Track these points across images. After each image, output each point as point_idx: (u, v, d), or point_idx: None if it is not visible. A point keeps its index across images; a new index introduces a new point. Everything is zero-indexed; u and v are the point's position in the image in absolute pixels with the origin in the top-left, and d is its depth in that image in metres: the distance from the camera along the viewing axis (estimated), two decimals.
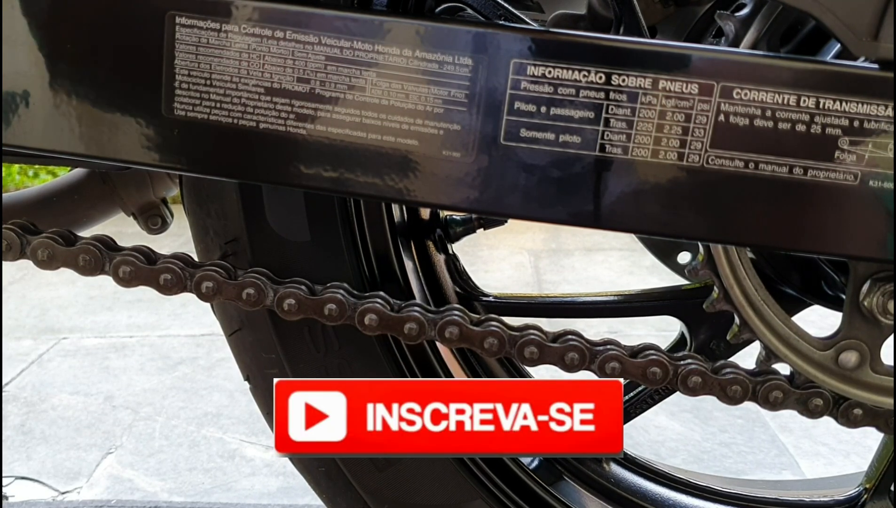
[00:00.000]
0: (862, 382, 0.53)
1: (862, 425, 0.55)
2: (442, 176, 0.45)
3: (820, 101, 0.42)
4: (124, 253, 0.53)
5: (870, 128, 0.42)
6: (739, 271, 0.53)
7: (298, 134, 0.45)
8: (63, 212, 0.81)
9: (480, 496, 0.64)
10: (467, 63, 0.43)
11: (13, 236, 0.53)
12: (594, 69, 0.43)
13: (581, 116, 0.43)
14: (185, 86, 0.45)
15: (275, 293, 0.52)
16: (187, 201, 0.61)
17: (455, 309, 0.53)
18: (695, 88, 0.43)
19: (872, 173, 0.43)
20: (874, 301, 0.51)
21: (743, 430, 1.47)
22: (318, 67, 0.44)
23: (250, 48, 0.44)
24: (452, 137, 0.44)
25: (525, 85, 0.43)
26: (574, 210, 0.45)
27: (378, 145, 0.45)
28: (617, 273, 2.44)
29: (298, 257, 0.58)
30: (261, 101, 0.45)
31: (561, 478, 0.69)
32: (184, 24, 0.44)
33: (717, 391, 0.54)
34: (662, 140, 0.43)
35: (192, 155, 0.46)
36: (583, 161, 0.44)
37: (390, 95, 0.44)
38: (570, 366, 0.53)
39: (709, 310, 0.55)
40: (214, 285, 0.52)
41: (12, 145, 0.47)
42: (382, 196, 0.46)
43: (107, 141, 0.46)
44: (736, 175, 0.43)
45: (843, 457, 1.38)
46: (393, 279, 0.62)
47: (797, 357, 0.53)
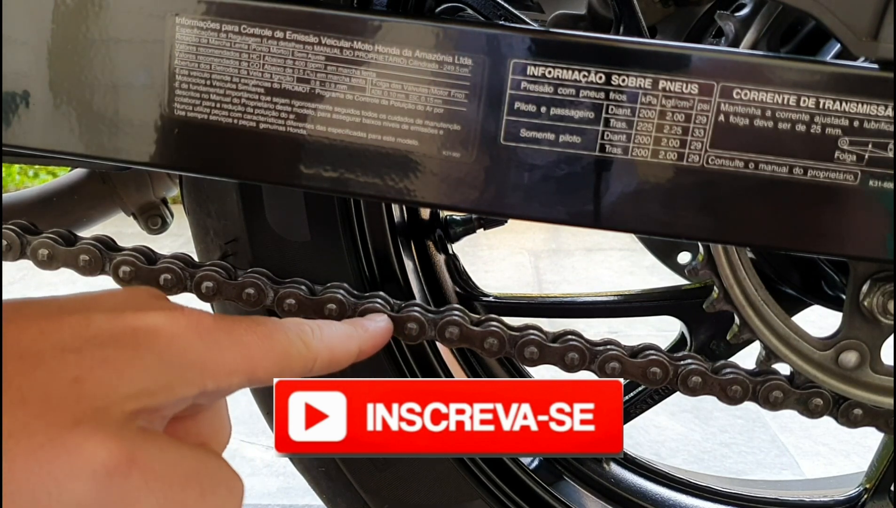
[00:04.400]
0: (862, 382, 0.53)
1: (862, 425, 0.55)
2: (442, 176, 0.45)
3: (820, 101, 0.42)
4: (124, 253, 0.53)
5: (870, 128, 0.42)
6: (739, 271, 0.53)
7: (298, 134, 0.45)
8: (63, 212, 0.81)
9: (480, 496, 0.64)
10: (467, 63, 0.43)
11: (13, 236, 0.53)
12: (594, 69, 0.43)
13: (581, 116, 0.43)
14: (186, 86, 0.45)
15: (275, 293, 0.52)
16: (187, 201, 0.61)
17: (455, 309, 0.53)
18: (695, 88, 0.43)
19: (872, 173, 0.43)
20: (874, 301, 0.51)
21: (743, 430, 1.47)
22: (318, 67, 0.44)
23: (250, 48, 0.44)
24: (452, 137, 0.44)
25: (525, 85, 0.43)
26: (574, 210, 0.45)
27: (378, 145, 0.45)
28: (617, 273, 2.44)
29: (298, 258, 0.58)
30: (261, 101, 0.45)
31: (561, 478, 0.69)
32: (184, 24, 0.44)
33: (717, 391, 0.54)
34: (662, 140, 0.43)
35: (192, 155, 0.46)
36: (583, 161, 0.44)
37: (390, 95, 0.44)
38: (570, 366, 0.53)
39: (709, 310, 0.55)
40: (214, 285, 0.52)
41: (12, 145, 0.47)
42: (382, 196, 0.46)
43: (107, 141, 0.46)
44: (736, 175, 0.43)
45: (844, 457, 1.38)
46: (393, 279, 0.62)
47: (797, 357, 0.53)
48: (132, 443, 0.27)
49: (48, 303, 0.31)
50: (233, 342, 0.33)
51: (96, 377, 0.27)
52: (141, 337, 0.30)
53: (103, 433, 0.26)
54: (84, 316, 0.29)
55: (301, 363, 0.36)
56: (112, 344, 0.29)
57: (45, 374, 0.27)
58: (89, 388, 0.27)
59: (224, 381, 0.32)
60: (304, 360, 0.36)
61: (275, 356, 0.34)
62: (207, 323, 0.32)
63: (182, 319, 0.31)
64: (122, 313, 0.30)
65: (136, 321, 0.30)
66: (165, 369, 0.30)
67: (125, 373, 0.28)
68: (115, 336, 0.29)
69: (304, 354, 0.36)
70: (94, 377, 0.27)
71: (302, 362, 0.36)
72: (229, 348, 0.32)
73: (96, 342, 0.29)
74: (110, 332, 0.29)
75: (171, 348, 0.30)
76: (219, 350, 0.32)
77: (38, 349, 0.28)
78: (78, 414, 0.26)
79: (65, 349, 0.28)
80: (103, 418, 0.27)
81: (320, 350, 0.37)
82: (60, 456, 0.25)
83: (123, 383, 0.28)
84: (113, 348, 0.29)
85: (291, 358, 0.35)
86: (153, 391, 0.29)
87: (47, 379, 0.27)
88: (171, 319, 0.31)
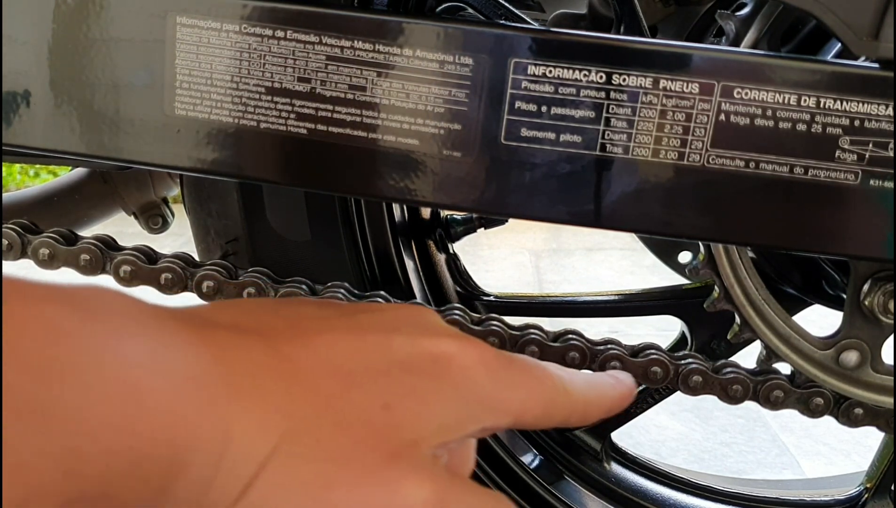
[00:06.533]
0: (863, 381, 0.53)
1: (862, 424, 0.55)
2: (442, 175, 0.45)
3: (820, 100, 0.42)
4: (125, 252, 0.53)
5: (870, 127, 0.42)
6: (740, 270, 0.53)
7: (299, 133, 0.45)
8: (64, 211, 0.81)
9: None
10: (468, 62, 0.43)
11: (14, 235, 0.53)
12: (595, 69, 0.43)
13: (582, 115, 0.43)
14: (186, 85, 0.45)
15: (276, 293, 0.52)
16: (188, 200, 0.61)
17: (456, 308, 0.53)
18: (695, 87, 0.43)
19: (873, 173, 0.43)
20: (875, 301, 0.51)
21: (744, 430, 1.47)
22: (318, 67, 0.44)
23: (251, 47, 0.44)
24: (453, 137, 0.44)
25: (525, 84, 0.43)
26: (575, 210, 0.45)
27: (378, 145, 0.45)
28: (618, 273, 2.44)
29: (299, 257, 0.58)
30: (261, 100, 0.45)
31: (562, 477, 0.69)
32: (185, 23, 0.44)
33: (717, 391, 0.54)
34: (663, 140, 0.43)
35: (192, 154, 0.46)
36: (583, 161, 0.44)
37: (391, 95, 0.44)
38: (570, 365, 0.53)
39: (709, 310, 0.55)
40: (215, 284, 0.52)
41: (13, 145, 0.47)
42: (383, 196, 0.46)
43: (108, 140, 0.46)
44: (736, 175, 0.43)
45: (844, 457, 1.38)
46: (394, 279, 0.62)
47: (798, 357, 0.53)
48: (444, 485, 0.26)
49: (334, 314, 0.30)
50: (512, 382, 0.32)
51: (405, 406, 0.26)
52: (438, 366, 0.29)
53: (420, 472, 0.25)
54: (385, 337, 0.29)
55: (563, 414, 0.34)
56: (416, 372, 0.28)
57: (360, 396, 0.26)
58: (399, 417, 0.26)
59: (499, 421, 0.31)
60: (564, 412, 0.34)
61: (544, 402, 0.33)
62: (491, 357, 0.31)
63: (472, 350, 0.30)
64: (420, 338, 0.30)
65: (433, 348, 0.29)
66: (461, 403, 0.29)
67: (430, 405, 0.27)
68: (417, 363, 0.28)
69: (567, 406, 0.34)
70: (403, 407, 0.26)
71: (563, 413, 0.34)
72: (509, 388, 0.31)
73: (402, 367, 0.28)
74: (411, 357, 0.28)
75: (465, 381, 0.29)
76: (502, 389, 0.31)
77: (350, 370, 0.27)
78: (394, 446, 0.25)
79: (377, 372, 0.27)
80: (416, 454, 0.26)
81: (579, 404, 0.35)
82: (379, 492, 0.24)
83: (429, 415, 0.27)
84: (418, 375, 0.28)
85: (556, 407, 0.34)
86: (451, 426, 0.28)
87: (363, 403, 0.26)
88: (462, 349, 0.30)
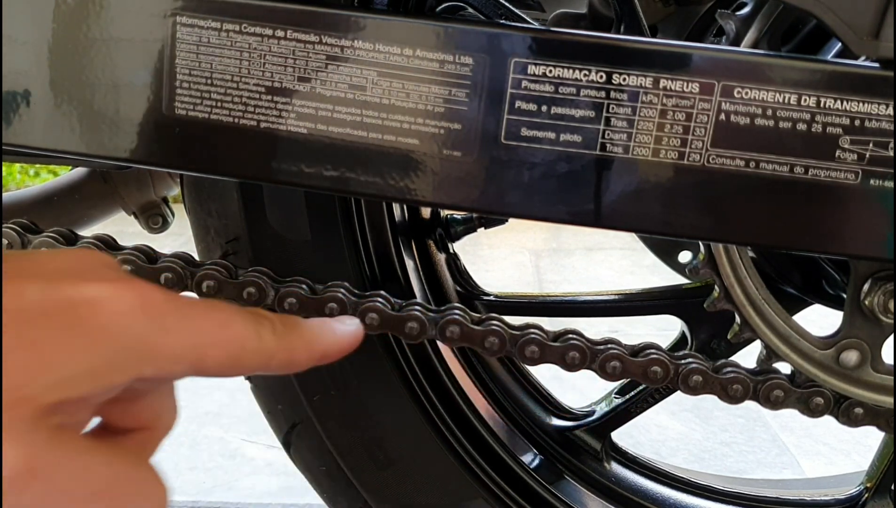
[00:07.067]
0: (863, 381, 0.53)
1: (863, 424, 0.55)
2: (442, 175, 0.45)
3: (821, 100, 0.42)
4: (125, 252, 0.53)
5: (870, 127, 0.42)
6: (740, 270, 0.53)
7: (299, 133, 0.45)
8: (64, 211, 0.81)
9: (481, 495, 0.64)
10: (468, 62, 0.43)
11: (14, 235, 0.53)
12: (595, 68, 0.43)
13: (582, 115, 0.43)
14: (187, 85, 0.45)
15: (276, 292, 0.52)
16: (188, 200, 0.61)
17: (456, 308, 0.53)
18: (695, 87, 0.43)
19: (873, 172, 0.43)
20: (875, 300, 0.51)
21: (744, 429, 1.47)
22: (318, 66, 0.44)
23: (251, 47, 0.44)
24: (453, 137, 0.44)
25: (526, 84, 0.43)
26: (575, 209, 0.45)
27: (379, 145, 0.45)
28: (618, 273, 2.44)
29: (299, 257, 0.58)
30: (262, 100, 0.45)
31: (562, 477, 0.69)
32: (185, 23, 0.44)
33: (718, 391, 0.54)
34: (663, 139, 0.43)
35: (193, 154, 0.46)
36: (584, 160, 0.44)
37: (391, 94, 0.44)
38: (570, 365, 0.53)
39: (709, 309, 0.55)
40: (215, 284, 0.52)
41: (13, 144, 0.47)
42: (383, 195, 0.46)
43: (108, 140, 0.46)
44: (737, 174, 0.43)
45: (844, 456, 1.38)
46: (394, 278, 0.62)
47: (798, 356, 0.53)
48: (37, 450, 0.24)
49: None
50: (183, 326, 0.29)
51: (18, 361, 0.24)
52: (77, 313, 0.26)
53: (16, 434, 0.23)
54: (19, 284, 0.26)
55: (256, 360, 0.32)
56: (42, 321, 0.25)
57: None
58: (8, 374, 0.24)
59: (165, 368, 0.28)
60: (259, 357, 0.32)
61: (228, 347, 0.30)
62: (157, 301, 0.28)
63: (129, 293, 0.27)
64: (60, 283, 0.27)
65: (74, 293, 0.26)
66: (99, 352, 0.26)
67: (49, 358, 0.25)
68: (48, 311, 0.26)
69: (261, 350, 0.32)
70: (14, 361, 0.24)
71: (257, 359, 0.32)
72: (178, 332, 0.29)
73: (25, 317, 0.25)
74: (43, 305, 0.26)
75: (113, 327, 0.27)
76: (165, 334, 0.28)
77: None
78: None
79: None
80: (18, 414, 0.24)
81: (279, 349, 0.33)
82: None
83: (45, 370, 0.25)
84: (43, 327, 0.25)
85: (246, 353, 0.31)
86: (77, 379, 0.25)
87: None
88: (115, 293, 0.27)
